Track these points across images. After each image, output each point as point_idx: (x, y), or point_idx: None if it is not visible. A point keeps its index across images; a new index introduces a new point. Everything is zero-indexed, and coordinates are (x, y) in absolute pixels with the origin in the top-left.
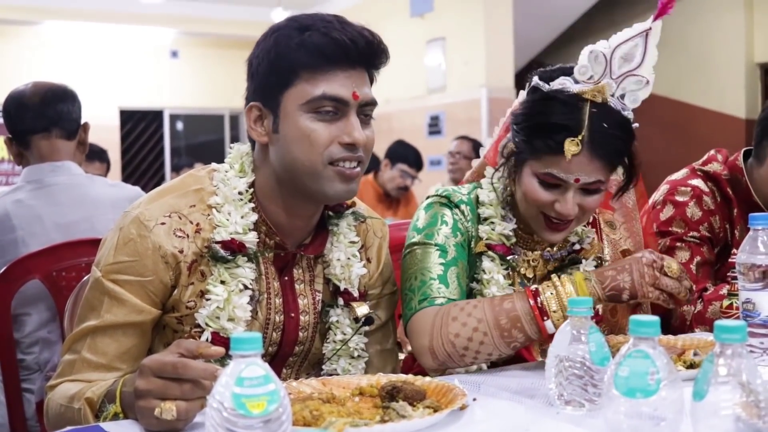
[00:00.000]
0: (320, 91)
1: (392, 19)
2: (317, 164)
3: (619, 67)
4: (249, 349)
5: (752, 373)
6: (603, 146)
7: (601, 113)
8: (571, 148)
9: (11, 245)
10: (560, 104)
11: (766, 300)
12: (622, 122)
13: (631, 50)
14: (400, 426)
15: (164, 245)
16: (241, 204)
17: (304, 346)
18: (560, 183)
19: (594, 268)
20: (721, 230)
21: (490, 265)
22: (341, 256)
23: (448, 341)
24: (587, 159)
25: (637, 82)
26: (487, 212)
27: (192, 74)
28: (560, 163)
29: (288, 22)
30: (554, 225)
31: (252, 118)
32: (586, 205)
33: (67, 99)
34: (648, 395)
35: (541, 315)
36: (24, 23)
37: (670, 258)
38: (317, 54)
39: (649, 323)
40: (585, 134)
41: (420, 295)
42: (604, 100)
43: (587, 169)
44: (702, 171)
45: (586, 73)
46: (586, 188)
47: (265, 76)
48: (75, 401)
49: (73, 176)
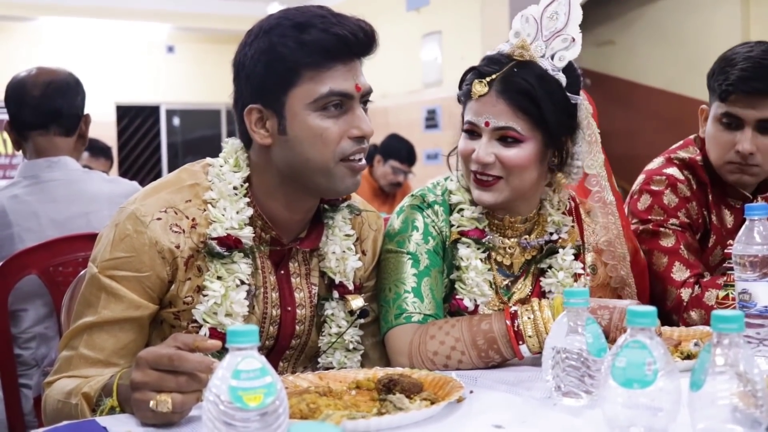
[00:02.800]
0: (327, 89)
1: (388, 13)
2: (329, 162)
3: (547, 28)
4: (245, 342)
5: (749, 363)
6: (508, 87)
7: (521, 68)
8: (477, 88)
9: (7, 241)
10: (487, 60)
11: (763, 290)
12: (540, 74)
13: (556, 8)
14: (397, 418)
15: (161, 240)
16: (236, 199)
17: (300, 340)
18: (474, 128)
19: (572, 257)
20: (699, 216)
21: (466, 251)
22: (336, 249)
23: (428, 359)
24: (494, 99)
25: (563, 40)
26: (455, 199)
27: (188, 69)
28: (472, 108)
29: (279, 20)
30: (480, 182)
31: (252, 120)
32: (503, 158)
33: (69, 92)
34: (645, 386)
35: (516, 339)
36: (19, 19)
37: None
38: (321, 52)
39: (646, 314)
40: (494, 77)
41: (396, 308)
42: (531, 59)
43: (494, 111)
44: (678, 159)
45: (519, 36)
46: (501, 136)
47: (264, 78)
48: (72, 396)
49: (70, 172)
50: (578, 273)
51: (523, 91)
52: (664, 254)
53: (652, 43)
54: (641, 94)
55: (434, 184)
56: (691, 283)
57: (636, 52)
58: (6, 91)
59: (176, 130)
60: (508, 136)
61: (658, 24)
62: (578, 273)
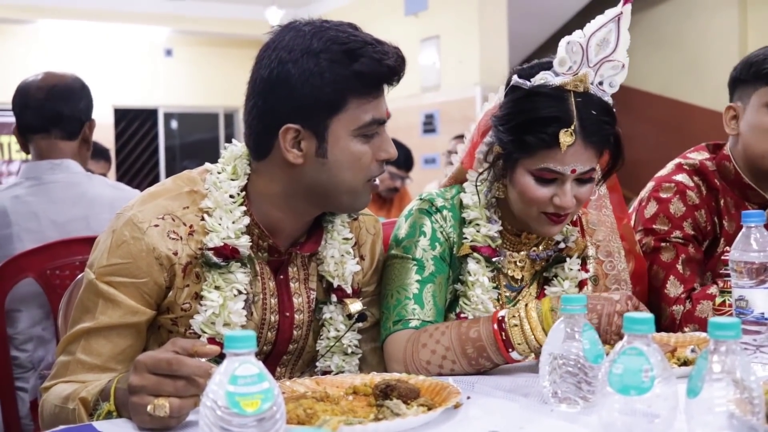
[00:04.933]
0: (370, 117)
1: (387, 17)
2: (359, 183)
3: (595, 55)
4: (243, 347)
5: (746, 369)
6: (595, 133)
7: (586, 102)
8: (566, 139)
9: (6, 240)
10: (546, 98)
11: (759, 297)
12: (607, 108)
13: (606, 35)
14: (394, 424)
15: (158, 247)
16: (232, 208)
17: (298, 344)
18: (557, 177)
19: (578, 266)
20: (709, 223)
21: (475, 267)
22: (335, 253)
23: (422, 367)
24: (582, 148)
25: (613, 67)
26: (472, 215)
27: (186, 72)
28: (555, 156)
29: (328, 44)
30: (554, 219)
31: (287, 139)
32: (580, 196)
33: (72, 98)
34: (642, 392)
35: (506, 348)
36: (18, 22)
37: (644, 307)
38: (373, 83)
39: (643, 320)
40: (576, 124)
41: (395, 315)
42: (585, 89)
43: (582, 159)
44: (688, 165)
45: (565, 64)
46: (580, 178)
47: (310, 99)
48: (69, 401)
49: (72, 174)
50: (583, 280)
51: (607, 136)
52: (662, 269)
53: (649, 48)
54: (638, 98)
55: (444, 190)
56: (683, 299)
57: (633, 57)
58: (14, 95)
59: (174, 134)
60: (589, 176)
61: (655, 29)
62: (583, 280)
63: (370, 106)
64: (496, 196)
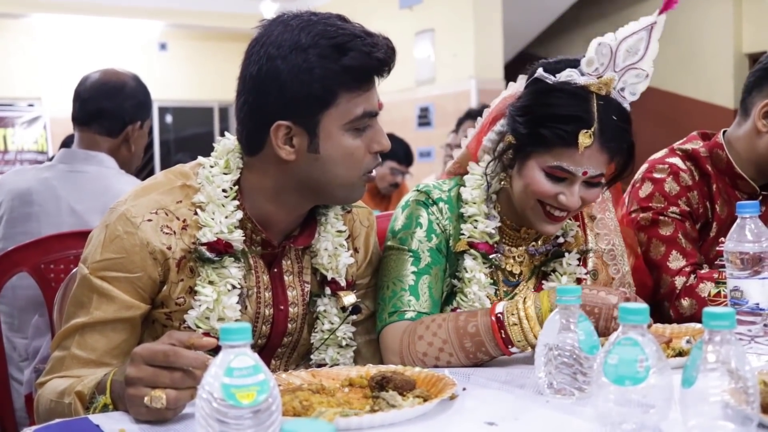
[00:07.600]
0: (361, 110)
1: (381, 11)
2: (355, 178)
3: (623, 60)
4: (238, 339)
5: (741, 359)
6: (613, 139)
7: (608, 106)
8: (585, 140)
9: (25, 218)
10: (568, 96)
11: (754, 287)
12: (627, 115)
13: (636, 43)
14: (389, 415)
15: (152, 242)
16: (225, 203)
17: (292, 337)
18: (567, 176)
19: (577, 261)
20: (701, 206)
21: (472, 263)
22: (328, 245)
23: (418, 359)
24: (597, 152)
25: (637, 75)
26: (471, 210)
27: (181, 67)
28: (572, 156)
29: (316, 38)
30: (553, 217)
31: (279, 136)
32: (587, 198)
33: (117, 96)
34: (637, 383)
35: (505, 345)
36: (11, 16)
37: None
38: (363, 77)
39: (638, 311)
40: (596, 126)
41: (390, 306)
42: (608, 93)
43: (595, 162)
44: (681, 150)
45: (592, 65)
46: (590, 181)
47: (300, 95)
48: (65, 396)
49: (104, 168)
50: (581, 277)
51: (623, 141)
52: (662, 243)
53: None
54: None
55: (442, 182)
56: (687, 272)
57: None
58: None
59: (168, 128)
60: (598, 180)
61: None
62: (581, 277)
63: (361, 99)
64: (500, 186)
